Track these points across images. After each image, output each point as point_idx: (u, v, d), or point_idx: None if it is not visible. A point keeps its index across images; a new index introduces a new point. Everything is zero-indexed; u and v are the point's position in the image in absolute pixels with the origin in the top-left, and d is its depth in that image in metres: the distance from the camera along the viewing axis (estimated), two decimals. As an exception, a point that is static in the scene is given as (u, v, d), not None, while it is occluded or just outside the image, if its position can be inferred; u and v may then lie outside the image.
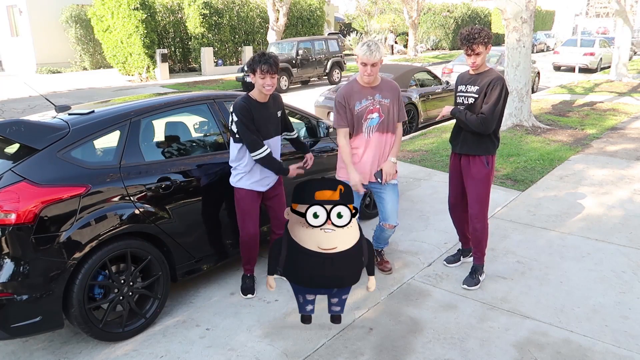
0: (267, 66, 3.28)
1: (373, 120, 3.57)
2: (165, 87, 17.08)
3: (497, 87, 3.46)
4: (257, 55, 3.34)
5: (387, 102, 3.58)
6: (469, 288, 3.69)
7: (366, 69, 3.43)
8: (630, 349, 2.98)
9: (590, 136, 8.64)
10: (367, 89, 3.56)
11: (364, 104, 3.54)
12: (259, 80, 3.33)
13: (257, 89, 3.40)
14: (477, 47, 3.41)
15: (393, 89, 3.65)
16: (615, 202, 5.41)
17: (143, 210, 3.21)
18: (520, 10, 8.73)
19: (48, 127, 3.07)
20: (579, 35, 19.37)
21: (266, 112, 3.45)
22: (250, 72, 3.37)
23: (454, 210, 3.96)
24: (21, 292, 2.76)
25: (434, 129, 9.28)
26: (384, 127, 3.59)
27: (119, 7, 18.52)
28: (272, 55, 3.35)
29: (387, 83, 3.65)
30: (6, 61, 25.42)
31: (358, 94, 3.55)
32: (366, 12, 37.03)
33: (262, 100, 3.43)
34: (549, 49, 34.73)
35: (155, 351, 3.07)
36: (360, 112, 3.54)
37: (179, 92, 4.34)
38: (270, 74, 3.31)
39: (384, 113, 3.58)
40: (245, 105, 3.35)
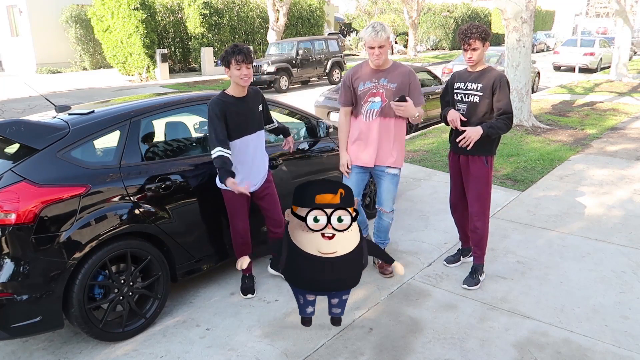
0: (242, 56, 3.20)
1: (375, 104, 3.51)
2: (165, 87, 17.08)
3: (504, 84, 3.46)
4: (229, 47, 3.26)
5: (392, 87, 3.49)
6: (469, 288, 3.69)
7: (374, 51, 3.37)
8: (630, 349, 2.98)
9: (591, 136, 8.64)
10: (375, 71, 3.50)
11: (367, 86, 3.50)
12: (234, 72, 3.23)
13: (233, 83, 3.31)
14: (474, 42, 3.40)
15: (403, 73, 3.53)
16: (615, 202, 5.41)
17: (143, 210, 3.20)
18: (520, 10, 8.73)
19: (48, 127, 3.07)
20: (579, 35, 19.37)
21: (245, 106, 3.36)
22: (224, 65, 3.27)
23: (455, 209, 3.96)
24: (21, 292, 2.76)
25: (434, 129, 9.28)
26: (387, 112, 3.52)
27: (119, 7, 18.52)
28: (245, 46, 3.29)
29: (397, 67, 3.55)
30: (6, 61, 25.41)
31: (364, 75, 3.52)
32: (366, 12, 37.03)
33: (239, 95, 3.34)
34: (549, 49, 34.74)
35: (155, 351, 3.07)
36: (362, 94, 3.52)
37: (179, 92, 4.34)
38: (246, 64, 3.22)
39: (388, 98, 3.49)
40: (218, 102, 3.27)
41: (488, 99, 3.49)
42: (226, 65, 3.27)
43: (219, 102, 3.27)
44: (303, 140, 4.39)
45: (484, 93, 3.49)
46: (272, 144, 4.06)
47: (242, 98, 3.36)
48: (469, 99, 3.56)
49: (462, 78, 3.64)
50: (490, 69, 3.56)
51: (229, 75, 3.30)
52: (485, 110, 3.52)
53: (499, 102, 3.46)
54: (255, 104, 3.47)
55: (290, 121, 4.55)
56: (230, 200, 3.48)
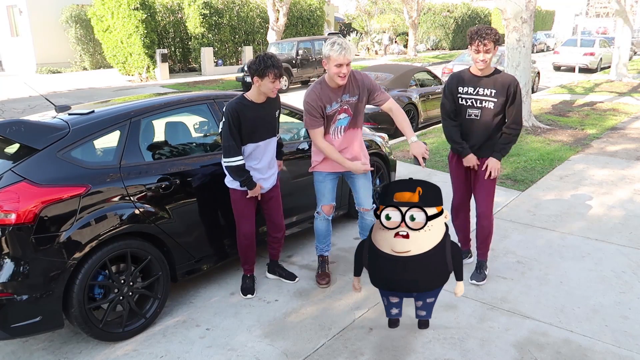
0: (278, 70, 3.24)
1: (342, 121, 3.52)
2: (165, 87, 17.08)
3: (519, 90, 3.44)
4: (265, 58, 3.23)
5: (354, 100, 3.49)
6: (478, 283, 3.70)
7: (341, 69, 3.27)
8: (630, 349, 2.98)
9: (591, 136, 8.64)
10: (335, 90, 3.42)
11: (334, 107, 3.45)
12: (268, 84, 3.25)
13: (260, 91, 3.32)
14: (490, 42, 3.30)
15: (358, 81, 3.47)
16: (615, 202, 5.41)
17: (143, 210, 3.20)
18: (520, 10, 8.73)
19: (48, 127, 3.07)
20: (579, 35, 19.37)
21: (262, 112, 3.39)
22: (256, 75, 3.24)
23: (459, 212, 3.90)
24: (21, 292, 2.76)
25: (434, 129, 9.28)
26: (353, 124, 3.57)
27: (119, 7, 18.51)
28: (277, 58, 3.31)
29: (352, 78, 3.46)
30: (6, 61, 25.40)
31: (327, 98, 3.42)
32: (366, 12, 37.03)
33: (258, 101, 3.38)
34: (549, 49, 34.71)
35: (155, 351, 3.07)
36: (329, 116, 3.47)
37: (179, 92, 4.34)
38: (280, 78, 3.29)
39: (353, 111, 3.52)
40: (237, 108, 3.28)
41: (503, 105, 3.46)
42: (259, 75, 3.24)
43: (237, 106, 3.29)
44: (303, 140, 4.39)
45: (499, 99, 3.43)
46: None
47: (261, 104, 3.39)
48: (482, 104, 3.48)
49: (470, 82, 3.51)
50: (499, 72, 3.50)
51: (257, 85, 3.29)
52: (501, 115, 3.50)
53: (512, 108, 3.45)
54: (273, 109, 3.50)
55: (290, 121, 4.55)
56: (238, 201, 3.49)
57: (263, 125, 3.41)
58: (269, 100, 3.44)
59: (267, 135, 3.47)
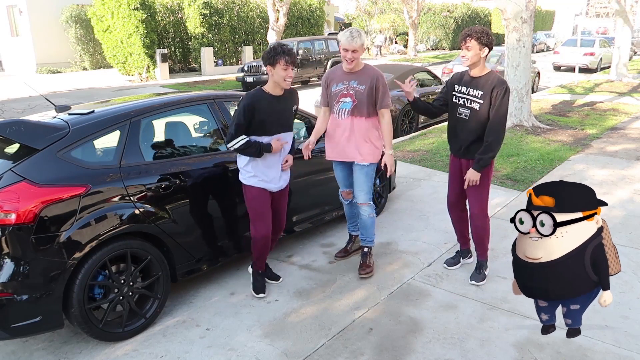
0: (290, 57, 3.25)
1: (345, 104, 3.72)
2: (165, 87, 17.08)
3: (502, 94, 3.41)
4: (277, 46, 3.26)
5: (362, 89, 3.66)
6: (477, 283, 3.71)
7: (347, 54, 3.58)
8: (630, 349, 2.98)
9: (591, 136, 8.64)
10: (347, 74, 3.72)
11: (339, 87, 3.72)
12: (280, 72, 3.26)
13: (275, 82, 3.33)
14: (470, 40, 3.41)
15: (371, 75, 3.68)
16: (615, 202, 5.41)
17: (143, 210, 3.20)
18: (520, 10, 8.73)
19: (48, 127, 3.07)
20: (579, 35, 19.38)
21: (279, 105, 3.40)
22: (269, 64, 3.27)
23: (453, 209, 3.95)
24: (21, 292, 2.76)
25: (434, 129, 9.28)
26: (357, 112, 3.70)
27: (119, 7, 18.51)
28: (289, 46, 3.32)
29: (368, 70, 3.73)
30: (6, 61, 25.39)
31: (337, 77, 3.75)
32: (366, 12, 37.03)
33: (276, 94, 3.38)
34: (549, 49, 34.72)
35: (155, 351, 3.07)
36: (334, 95, 3.74)
37: (179, 92, 4.34)
38: (292, 66, 3.29)
39: (357, 99, 3.68)
40: (253, 98, 3.28)
41: (487, 107, 3.48)
42: (271, 64, 3.25)
43: (254, 97, 3.30)
44: (303, 140, 4.38)
45: (485, 101, 3.47)
46: None
47: (279, 97, 3.40)
48: (470, 104, 3.53)
49: (462, 81, 3.61)
50: (492, 75, 3.52)
51: (271, 74, 3.30)
52: (486, 117, 3.50)
53: (493, 114, 3.44)
54: (290, 103, 3.52)
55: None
56: (253, 200, 3.45)
57: (279, 119, 3.42)
58: (286, 93, 3.45)
59: (282, 129, 3.47)
